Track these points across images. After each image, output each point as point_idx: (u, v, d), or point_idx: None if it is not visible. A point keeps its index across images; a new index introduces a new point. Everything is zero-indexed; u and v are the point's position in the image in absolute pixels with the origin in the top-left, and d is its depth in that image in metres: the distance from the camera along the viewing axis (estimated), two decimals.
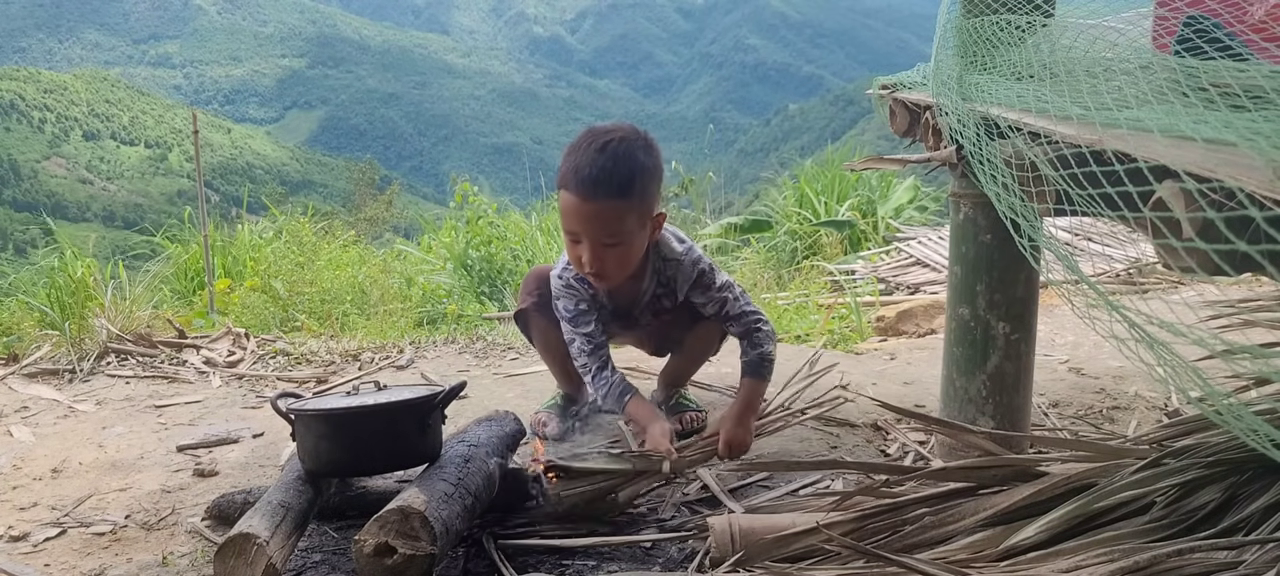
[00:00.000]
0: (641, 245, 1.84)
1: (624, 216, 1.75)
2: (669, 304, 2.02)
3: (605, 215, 1.74)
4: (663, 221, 1.88)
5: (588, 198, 1.73)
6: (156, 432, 2.32)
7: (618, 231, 1.76)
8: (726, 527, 1.42)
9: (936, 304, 3.85)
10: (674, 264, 1.97)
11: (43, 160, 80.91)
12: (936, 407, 1.98)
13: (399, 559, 1.31)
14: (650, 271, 1.98)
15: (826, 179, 7.68)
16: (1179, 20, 1.24)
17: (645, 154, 1.78)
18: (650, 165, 1.78)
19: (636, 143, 1.78)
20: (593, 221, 1.75)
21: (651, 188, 1.79)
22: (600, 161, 1.73)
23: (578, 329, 1.98)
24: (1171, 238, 0.85)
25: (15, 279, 4.08)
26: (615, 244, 1.77)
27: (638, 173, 1.75)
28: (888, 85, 2.25)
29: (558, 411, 2.19)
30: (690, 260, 1.97)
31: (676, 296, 2.00)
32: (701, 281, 1.97)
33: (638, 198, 1.76)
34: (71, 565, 1.61)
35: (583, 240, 1.78)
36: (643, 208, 1.78)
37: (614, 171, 1.72)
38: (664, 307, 2.03)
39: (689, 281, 1.97)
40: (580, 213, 1.75)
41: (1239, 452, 1.26)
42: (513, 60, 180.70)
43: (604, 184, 1.72)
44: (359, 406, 1.56)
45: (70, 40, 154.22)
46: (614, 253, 1.78)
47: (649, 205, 1.80)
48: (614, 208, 1.74)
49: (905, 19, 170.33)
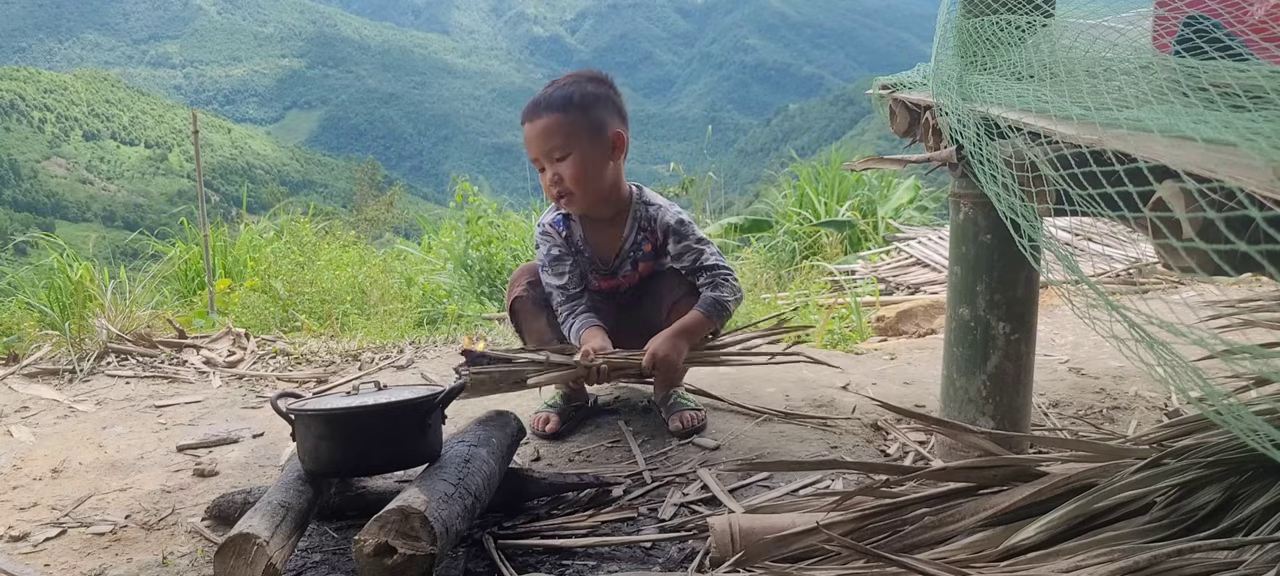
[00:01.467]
0: (599, 161, 2.00)
1: (566, 129, 1.95)
2: (648, 248, 2.13)
3: (548, 129, 1.96)
4: (623, 142, 2.03)
5: (530, 118, 1.98)
6: (156, 432, 2.32)
7: (563, 144, 1.96)
8: (726, 527, 1.42)
9: (936, 304, 3.85)
10: (656, 208, 2.14)
11: (43, 160, 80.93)
12: (936, 407, 1.98)
13: (399, 559, 1.31)
14: (631, 219, 2.12)
15: (826, 179, 7.68)
16: (1179, 20, 1.24)
17: (590, 83, 2.01)
18: (594, 90, 1.99)
19: (583, 75, 2.03)
20: (538, 138, 1.97)
21: (597, 107, 1.98)
22: (547, 91, 2.00)
23: (554, 276, 2.11)
24: (1171, 238, 0.85)
25: (15, 279, 4.08)
26: (565, 155, 1.96)
27: (577, 93, 1.97)
28: (888, 85, 2.24)
29: (557, 410, 2.20)
30: (671, 209, 2.13)
31: (655, 236, 2.12)
32: (680, 228, 2.11)
33: (577, 111, 1.96)
34: (71, 565, 1.61)
35: (542, 164, 1.99)
36: (588, 122, 1.97)
37: (554, 94, 1.98)
38: (644, 253, 2.13)
39: (667, 226, 2.11)
40: (530, 134, 1.98)
41: (1239, 452, 1.26)
42: (512, 60, 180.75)
43: (544, 104, 1.98)
44: (359, 406, 1.55)
45: (70, 40, 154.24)
46: (567, 165, 1.96)
47: (596, 121, 1.98)
48: (554, 121, 1.95)
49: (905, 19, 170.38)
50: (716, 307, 2.08)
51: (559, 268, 2.11)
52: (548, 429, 2.12)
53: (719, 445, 2.01)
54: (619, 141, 2.02)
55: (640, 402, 2.34)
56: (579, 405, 2.26)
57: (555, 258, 2.11)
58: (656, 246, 2.14)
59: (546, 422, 2.14)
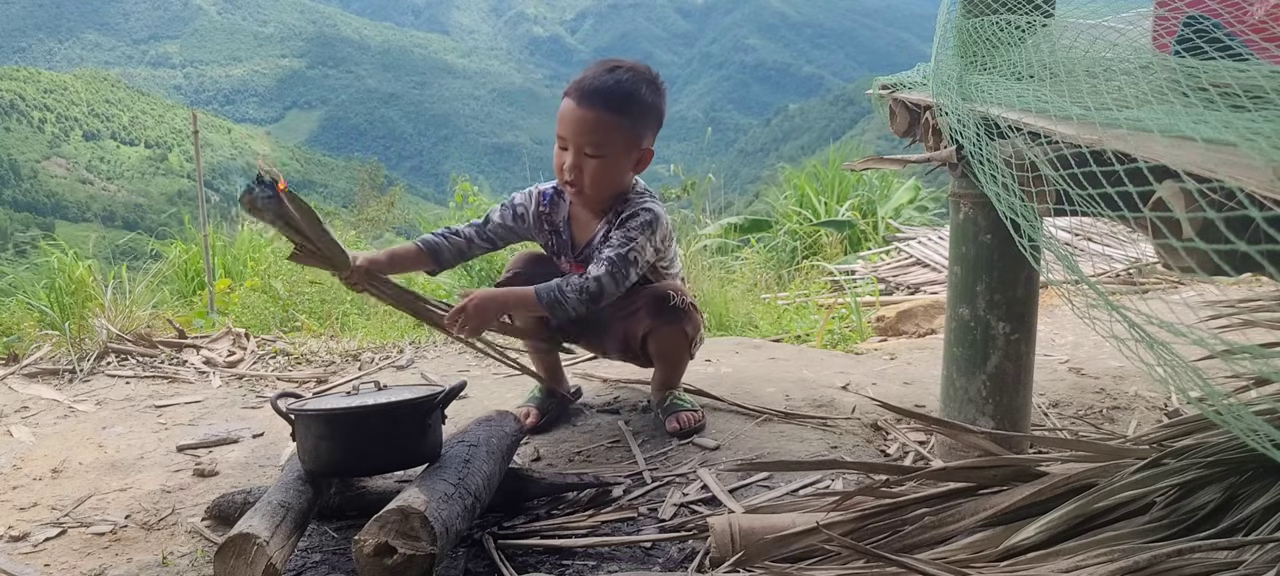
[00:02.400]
0: (622, 170, 1.94)
1: (611, 130, 1.86)
2: None
3: (593, 124, 1.86)
4: (650, 159, 1.97)
5: (581, 104, 1.86)
6: (156, 432, 2.32)
7: (602, 143, 1.87)
8: (726, 527, 1.42)
9: (936, 304, 3.85)
10: (638, 204, 2.00)
11: (43, 160, 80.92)
12: (936, 407, 1.98)
13: (399, 559, 1.31)
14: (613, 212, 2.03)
15: (826, 179, 7.68)
16: (1179, 20, 1.24)
17: (649, 89, 1.91)
18: (650, 100, 1.91)
19: (644, 76, 1.92)
20: (581, 127, 1.87)
21: (646, 118, 1.91)
22: (604, 77, 1.88)
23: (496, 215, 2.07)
24: (1171, 238, 0.85)
25: (15, 279, 4.07)
26: (597, 156, 1.88)
27: (636, 98, 1.88)
28: (888, 85, 2.24)
29: (537, 404, 2.22)
30: (650, 212, 1.96)
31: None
32: (633, 218, 1.93)
33: (629, 118, 1.87)
34: (71, 565, 1.61)
35: (568, 147, 1.89)
36: (632, 130, 1.89)
37: (614, 89, 1.86)
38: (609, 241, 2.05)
39: (631, 211, 1.95)
40: (572, 116, 1.87)
41: (1239, 452, 1.26)
42: (512, 60, 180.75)
43: (600, 95, 1.86)
44: (359, 406, 1.56)
45: (70, 40, 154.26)
46: (594, 165, 1.88)
47: (639, 133, 1.91)
48: (603, 119, 1.86)
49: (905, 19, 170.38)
50: (552, 295, 1.87)
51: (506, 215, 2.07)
52: (529, 422, 2.13)
53: (719, 445, 2.01)
54: (647, 158, 1.97)
55: (640, 403, 2.34)
56: (561, 399, 2.25)
57: (515, 208, 2.07)
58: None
59: (527, 416, 2.15)
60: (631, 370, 2.55)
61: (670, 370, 2.19)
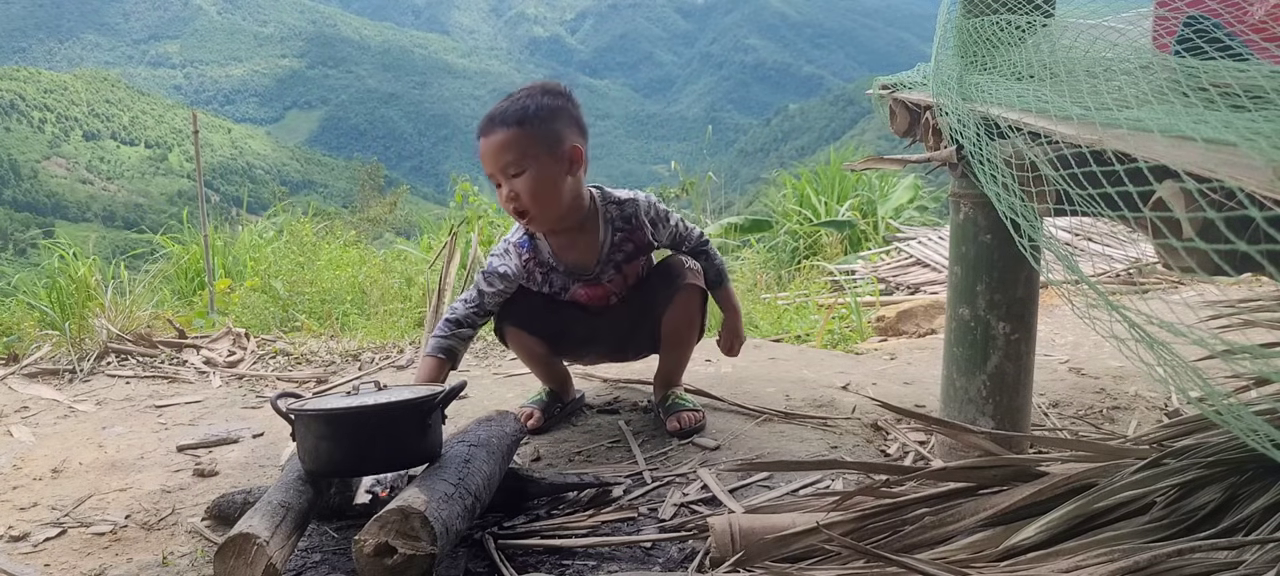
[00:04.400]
0: (556, 176, 1.92)
1: (520, 142, 1.88)
2: (630, 248, 2.10)
3: (501, 145, 1.89)
4: (581, 156, 1.96)
5: (486, 134, 1.91)
6: (156, 432, 2.32)
7: (519, 158, 1.88)
8: (726, 527, 1.42)
9: (936, 304, 3.85)
10: (630, 203, 2.08)
11: (43, 160, 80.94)
12: (936, 407, 1.98)
13: (399, 559, 1.31)
14: (603, 221, 2.06)
15: (826, 179, 7.68)
16: (1179, 20, 1.24)
17: (546, 95, 1.93)
18: (550, 103, 1.92)
19: (537, 88, 1.96)
20: (493, 153, 1.90)
21: (554, 121, 1.91)
22: (500, 105, 1.94)
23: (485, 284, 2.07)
24: (1171, 238, 0.85)
25: (16, 279, 4.07)
26: (521, 171, 1.89)
27: (531, 108, 1.90)
28: (888, 85, 2.24)
29: (541, 405, 2.22)
30: (644, 199, 2.12)
31: (640, 233, 2.09)
32: (659, 215, 2.13)
33: (531, 126, 1.88)
34: (71, 565, 1.61)
35: (497, 180, 1.93)
36: (543, 136, 1.89)
37: (509, 108, 1.91)
38: (626, 253, 2.10)
39: (650, 216, 2.11)
40: (484, 149, 1.91)
41: (1239, 452, 1.26)
42: (512, 60, 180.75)
43: (498, 118, 1.90)
44: (359, 406, 1.55)
45: (70, 40, 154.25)
46: (524, 182, 1.90)
47: (553, 136, 1.91)
48: (510, 136, 1.88)
49: (905, 19, 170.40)
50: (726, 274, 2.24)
51: (494, 284, 2.05)
52: (531, 424, 2.14)
53: (719, 445, 2.01)
54: (576, 155, 1.93)
55: (640, 402, 2.34)
56: (568, 402, 2.27)
57: (498, 273, 2.05)
58: (640, 243, 2.10)
59: (530, 418, 2.15)
60: (631, 370, 2.55)
61: (677, 354, 2.20)
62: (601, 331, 2.16)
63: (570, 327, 2.14)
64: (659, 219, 2.12)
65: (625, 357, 2.34)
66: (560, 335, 2.15)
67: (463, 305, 2.05)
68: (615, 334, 2.18)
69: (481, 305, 2.06)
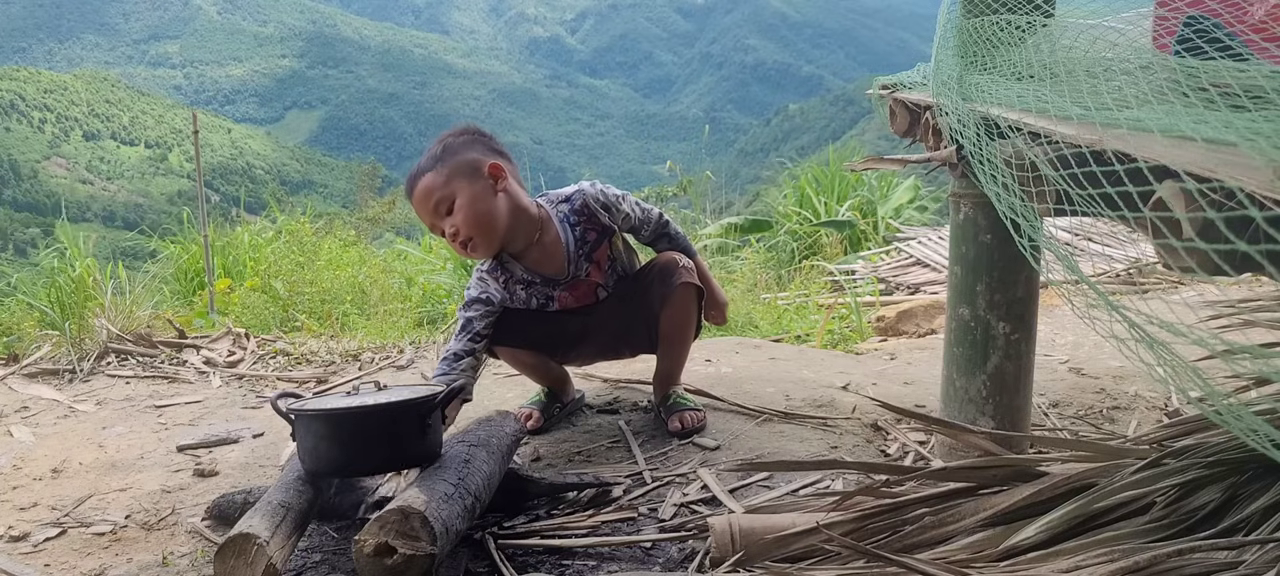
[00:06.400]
0: (486, 198, 1.95)
1: (442, 180, 1.92)
2: (593, 237, 2.11)
3: (427, 191, 1.93)
4: (502, 171, 1.97)
5: (410, 192, 1.97)
6: (156, 432, 2.32)
7: (444, 195, 1.93)
8: (726, 527, 1.42)
9: (936, 304, 3.85)
10: (576, 195, 2.10)
11: (43, 160, 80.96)
12: (936, 407, 1.98)
13: (399, 559, 1.31)
14: (558, 222, 2.08)
15: (826, 179, 7.68)
16: (1179, 20, 1.24)
17: (453, 136, 1.99)
18: (461, 139, 1.98)
19: (448, 133, 2.02)
20: (422, 204, 1.95)
21: (464, 151, 1.96)
22: (417, 163, 1.99)
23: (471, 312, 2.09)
24: (1171, 238, 0.85)
25: (16, 279, 4.07)
26: (450, 207, 1.93)
27: (441, 149, 1.95)
28: (888, 85, 2.24)
29: (540, 406, 2.23)
30: (588, 187, 2.13)
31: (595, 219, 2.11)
32: (607, 198, 2.12)
33: (447, 161, 1.93)
34: (71, 565, 1.61)
35: (435, 226, 1.97)
36: (461, 166, 1.93)
37: (423, 163, 1.96)
38: (590, 242, 2.11)
39: (599, 202, 2.11)
40: (416, 206, 1.97)
41: (1239, 452, 1.26)
42: (512, 60, 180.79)
43: (416, 172, 1.96)
44: (359, 406, 1.55)
45: (70, 40, 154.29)
46: (460, 216, 1.93)
47: (468, 164, 1.94)
48: (429, 181, 1.93)
49: (905, 19, 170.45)
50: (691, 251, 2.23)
51: (477, 309, 2.08)
52: (530, 424, 2.14)
53: (719, 445, 2.01)
54: (497, 171, 1.95)
55: (640, 402, 2.34)
56: (565, 402, 2.28)
57: (478, 299, 2.08)
58: (600, 228, 2.12)
59: (529, 418, 2.16)
60: (631, 370, 2.55)
61: (676, 352, 2.20)
62: (593, 329, 2.17)
63: (562, 331, 2.15)
64: (608, 203, 2.11)
65: (621, 355, 2.34)
66: (553, 341, 2.16)
67: (455, 342, 2.07)
68: (608, 330, 2.18)
69: (474, 332, 2.07)
